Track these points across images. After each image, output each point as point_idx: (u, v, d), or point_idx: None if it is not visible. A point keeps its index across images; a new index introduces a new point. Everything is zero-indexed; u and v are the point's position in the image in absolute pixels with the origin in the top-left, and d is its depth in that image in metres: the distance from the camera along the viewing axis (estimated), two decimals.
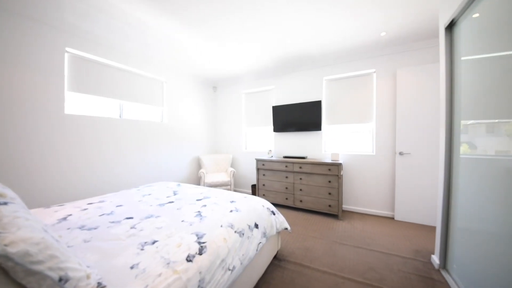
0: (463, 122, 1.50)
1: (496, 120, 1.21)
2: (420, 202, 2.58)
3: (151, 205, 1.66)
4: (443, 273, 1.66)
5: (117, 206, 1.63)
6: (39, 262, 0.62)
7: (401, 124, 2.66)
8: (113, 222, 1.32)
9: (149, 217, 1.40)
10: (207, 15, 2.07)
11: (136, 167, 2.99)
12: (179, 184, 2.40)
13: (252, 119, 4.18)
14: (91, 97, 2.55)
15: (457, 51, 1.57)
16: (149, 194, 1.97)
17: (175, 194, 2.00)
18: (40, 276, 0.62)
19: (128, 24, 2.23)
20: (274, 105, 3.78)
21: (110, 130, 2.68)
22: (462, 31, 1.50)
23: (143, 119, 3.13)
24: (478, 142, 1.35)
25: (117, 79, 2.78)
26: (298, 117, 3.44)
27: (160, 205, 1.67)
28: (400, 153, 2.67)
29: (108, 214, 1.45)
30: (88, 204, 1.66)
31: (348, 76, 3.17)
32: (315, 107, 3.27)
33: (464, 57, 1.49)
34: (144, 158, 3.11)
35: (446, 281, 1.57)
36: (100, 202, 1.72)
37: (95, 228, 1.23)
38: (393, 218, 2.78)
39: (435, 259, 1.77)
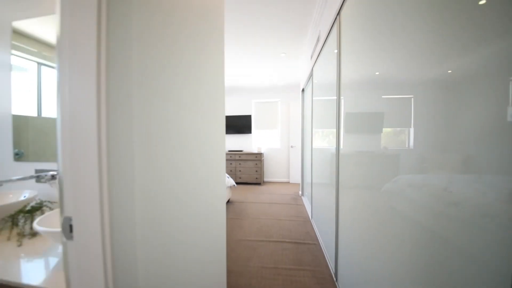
0: (309, 129, 3.65)
1: (327, 130, 3.31)
2: (299, 172, 4.87)
3: None
4: (302, 197, 3.81)
5: None
6: None
7: (292, 130, 4.90)
8: None
9: None
10: None
11: None
12: None
13: None
14: None
15: (305, 99, 3.75)
16: None
17: None
18: None
19: None
20: None
21: None
22: (306, 91, 3.68)
23: None
24: (322, 141, 3.47)
25: None
26: (238, 124, 5.20)
27: None
28: (292, 146, 4.90)
29: None
30: None
31: (266, 101, 5.22)
32: (248, 118, 5.12)
33: (306, 101, 3.66)
34: None
35: (301, 198, 3.70)
36: None
37: None
38: (289, 182, 5.01)
39: (300, 193, 3.93)
